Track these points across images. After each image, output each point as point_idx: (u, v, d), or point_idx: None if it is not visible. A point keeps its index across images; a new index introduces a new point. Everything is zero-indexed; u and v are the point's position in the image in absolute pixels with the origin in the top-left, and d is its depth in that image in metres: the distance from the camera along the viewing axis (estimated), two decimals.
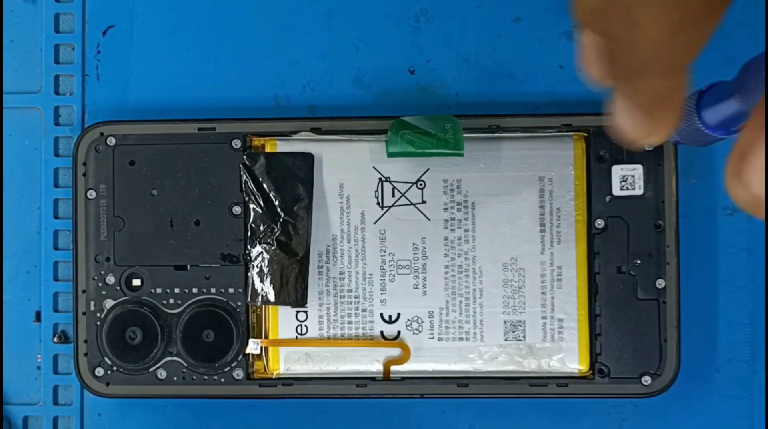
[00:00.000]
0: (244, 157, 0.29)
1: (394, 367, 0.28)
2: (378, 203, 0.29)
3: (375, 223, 0.29)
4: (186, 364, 0.29)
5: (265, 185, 0.28)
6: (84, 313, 0.29)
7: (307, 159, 0.28)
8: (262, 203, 0.28)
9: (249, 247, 0.29)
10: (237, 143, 0.29)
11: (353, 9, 0.30)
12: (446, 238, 0.28)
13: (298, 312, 0.29)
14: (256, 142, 0.29)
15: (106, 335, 0.29)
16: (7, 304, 0.30)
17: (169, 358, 0.29)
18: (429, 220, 0.29)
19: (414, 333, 0.29)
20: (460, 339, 0.28)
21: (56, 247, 0.30)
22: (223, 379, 0.29)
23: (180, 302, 0.29)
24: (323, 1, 0.30)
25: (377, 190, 0.29)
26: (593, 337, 0.28)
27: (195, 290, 0.29)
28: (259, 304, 0.28)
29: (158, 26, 0.30)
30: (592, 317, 0.28)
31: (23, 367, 0.30)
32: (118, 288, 0.29)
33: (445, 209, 0.28)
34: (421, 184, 0.29)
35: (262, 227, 0.28)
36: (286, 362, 0.29)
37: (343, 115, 0.29)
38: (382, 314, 0.29)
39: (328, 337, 0.29)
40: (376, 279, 0.29)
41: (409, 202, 0.29)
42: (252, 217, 0.28)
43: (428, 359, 0.29)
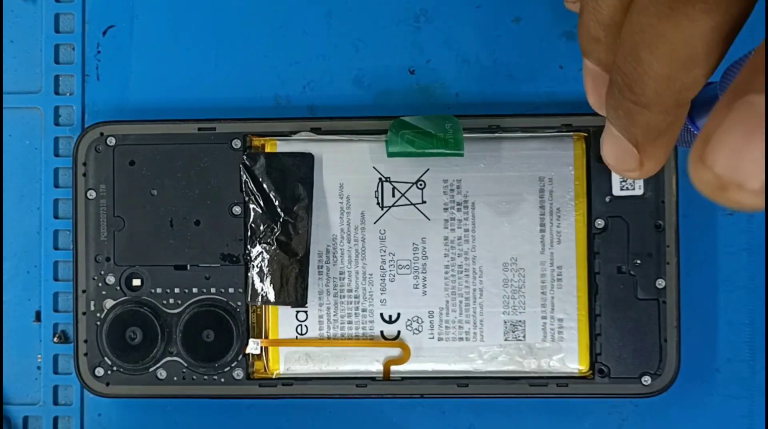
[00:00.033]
0: (244, 157, 0.29)
1: (394, 367, 0.28)
2: (378, 203, 0.29)
3: (375, 223, 0.29)
4: (186, 364, 0.29)
5: (265, 185, 0.28)
6: (84, 313, 0.29)
7: (307, 159, 0.28)
8: (262, 203, 0.28)
9: (249, 247, 0.29)
10: (237, 143, 0.29)
11: (353, 9, 0.30)
12: (446, 238, 0.28)
13: (298, 312, 0.29)
14: (256, 142, 0.29)
15: (106, 335, 0.29)
16: (7, 304, 0.30)
17: (169, 358, 0.29)
18: (429, 220, 0.29)
19: (414, 333, 0.29)
20: (460, 339, 0.28)
21: (56, 247, 0.30)
22: (223, 379, 0.29)
23: (180, 302, 0.29)
24: (323, 1, 0.30)
25: (377, 190, 0.29)
26: (593, 337, 0.28)
27: (195, 290, 0.29)
28: (259, 304, 0.28)
29: (158, 26, 0.30)
30: (592, 317, 0.28)
31: (23, 367, 0.30)
32: (118, 288, 0.29)
33: (445, 209, 0.28)
34: (421, 184, 0.29)
35: (262, 227, 0.28)
36: (286, 362, 0.29)
37: (343, 115, 0.29)
38: (382, 314, 0.29)
39: (328, 337, 0.29)
40: (376, 279, 0.29)
41: (409, 202, 0.29)
42: (252, 217, 0.28)
43: (428, 359, 0.29)
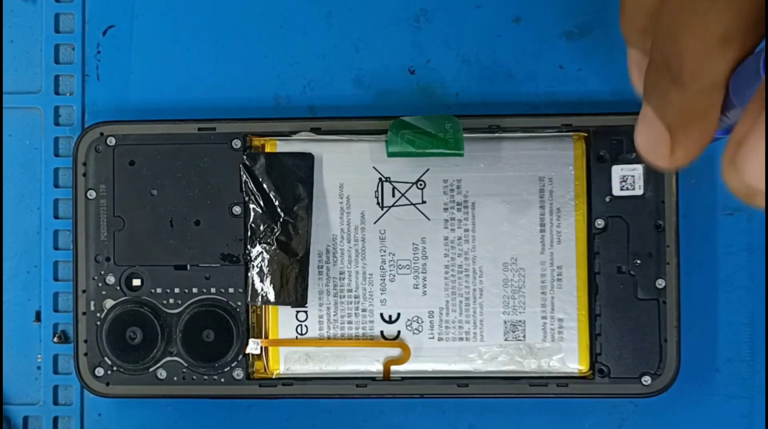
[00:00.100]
0: (244, 157, 0.29)
1: (394, 367, 0.28)
2: (378, 203, 0.29)
3: (375, 223, 0.29)
4: (186, 364, 0.29)
5: (265, 185, 0.28)
6: (84, 313, 0.29)
7: (307, 159, 0.28)
8: (262, 203, 0.28)
9: (249, 247, 0.29)
10: (237, 143, 0.29)
11: (353, 9, 0.30)
12: (446, 238, 0.28)
13: (298, 312, 0.29)
14: (256, 142, 0.29)
15: (106, 335, 0.29)
16: (7, 304, 0.30)
17: (169, 358, 0.29)
18: (429, 220, 0.28)
19: (414, 333, 0.29)
20: (460, 339, 0.28)
21: (56, 247, 0.30)
22: (223, 379, 0.29)
23: (180, 302, 0.29)
24: (323, 1, 0.30)
25: (377, 190, 0.29)
26: (593, 337, 0.28)
27: (195, 290, 0.29)
28: (259, 304, 0.28)
29: (158, 26, 0.30)
30: (592, 317, 0.28)
31: (23, 367, 0.30)
32: (118, 288, 0.29)
33: (445, 209, 0.28)
34: (421, 184, 0.29)
35: (262, 227, 0.28)
36: (286, 362, 0.29)
37: (343, 115, 0.29)
38: (382, 314, 0.29)
39: (328, 337, 0.29)
40: (376, 279, 0.29)
41: (409, 202, 0.29)
42: (252, 217, 0.28)
43: (428, 359, 0.29)
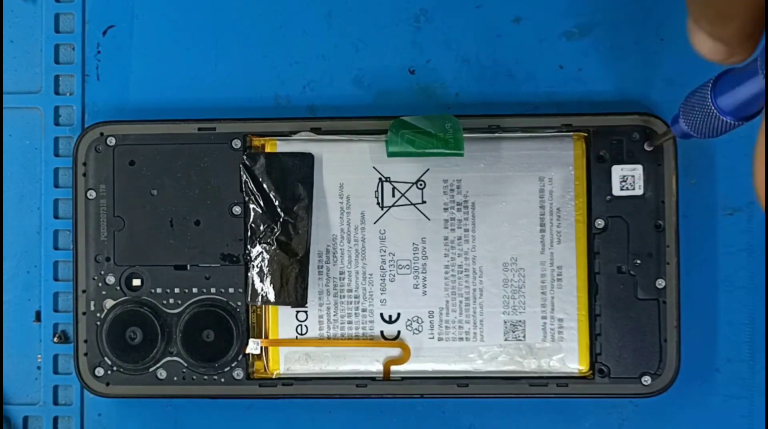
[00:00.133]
0: (244, 157, 0.29)
1: (394, 367, 0.28)
2: (378, 203, 0.29)
3: (375, 223, 0.29)
4: (186, 364, 0.29)
5: (265, 185, 0.28)
6: (84, 313, 0.29)
7: (307, 159, 0.28)
8: (262, 203, 0.28)
9: (249, 247, 0.29)
10: (237, 143, 0.29)
11: (353, 9, 0.30)
12: (446, 238, 0.28)
13: (298, 312, 0.29)
14: (256, 142, 0.29)
15: (106, 335, 0.29)
16: (7, 304, 0.30)
17: (169, 358, 0.29)
18: (429, 220, 0.28)
19: (414, 333, 0.29)
20: (460, 339, 0.28)
21: (56, 247, 0.30)
22: (223, 379, 0.29)
23: (180, 302, 0.29)
24: (323, 1, 0.30)
25: (377, 190, 0.29)
26: (593, 337, 0.28)
27: (195, 290, 0.29)
28: (259, 304, 0.28)
29: (158, 26, 0.30)
30: (592, 317, 0.28)
31: (23, 367, 0.30)
32: (118, 288, 0.29)
33: (445, 209, 0.28)
34: (421, 184, 0.29)
35: (262, 227, 0.28)
36: (286, 362, 0.29)
37: (343, 115, 0.29)
38: (382, 314, 0.29)
39: (328, 337, 0.29)
40: (376, 279, 0.29)
41: (409, 202, 0.29)
42: (252, 217, 0.28)
43: (428, 359, 0.29)
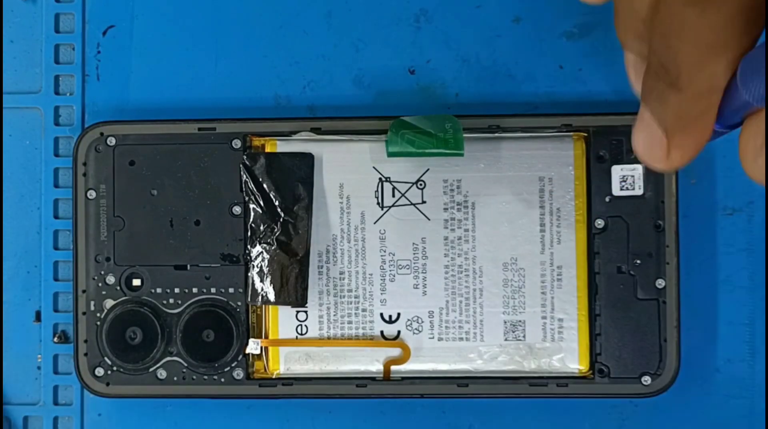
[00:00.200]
0: (244, 157, 0.29)
1: (394, 367, 0.28)
2: (378, 203, 0.29)
3: (375, 223, 0.29)
4: (186, 364, 0.29)
5: (265, 185, 0.28)
6: (84, 313, 0.29)
7: (307, 159, 0.28)
8: (262, 203, 0.28)
9: (249, 247, 0.29)
10: (237, 143, 0.29)
11: (353, 9, 0.30)
12: (446, 238, 0.28)
13: (298, 312, 0.29)
14: (256, 142, 0.29)
15: (106, 335, 0.29)
16: (7, 304, 0.30)
17: (169, 358, 0.29)
18: (429, 220, 0.29)
19: (414, 333, 0.29)
20: (460, 339, 0.28)
21: (56, 247, 0.30)
22: (223, 379, 0.29)
23: (180, 302, 0.29)
24: (323, 1, 0.30)
25: (377, 190, 0.29)
26: (593, 337, 0.28)
27: (195, 290, 0.29)
28: (259, 304, 0.28)
29: (158, 26, 0.30)
30: (592, 317, 0.28)
31: (23, 367, 0.30)
32: (118, 288, 0.29)
33: (445, 209, 0.28)
34: (421, 184, 0.29)
35: (262, 227, 0.28)
36: (286, 362, 0.29)
37: (343, 115, 0.29)
38: (382, 314, 0.29)
39: (328, 337, 0.29)
40: (376, 279, 0.29)
41: (409, 202, 0.29)
42: (252, 217, 0.28)
43: (428, 359, 0.29)
